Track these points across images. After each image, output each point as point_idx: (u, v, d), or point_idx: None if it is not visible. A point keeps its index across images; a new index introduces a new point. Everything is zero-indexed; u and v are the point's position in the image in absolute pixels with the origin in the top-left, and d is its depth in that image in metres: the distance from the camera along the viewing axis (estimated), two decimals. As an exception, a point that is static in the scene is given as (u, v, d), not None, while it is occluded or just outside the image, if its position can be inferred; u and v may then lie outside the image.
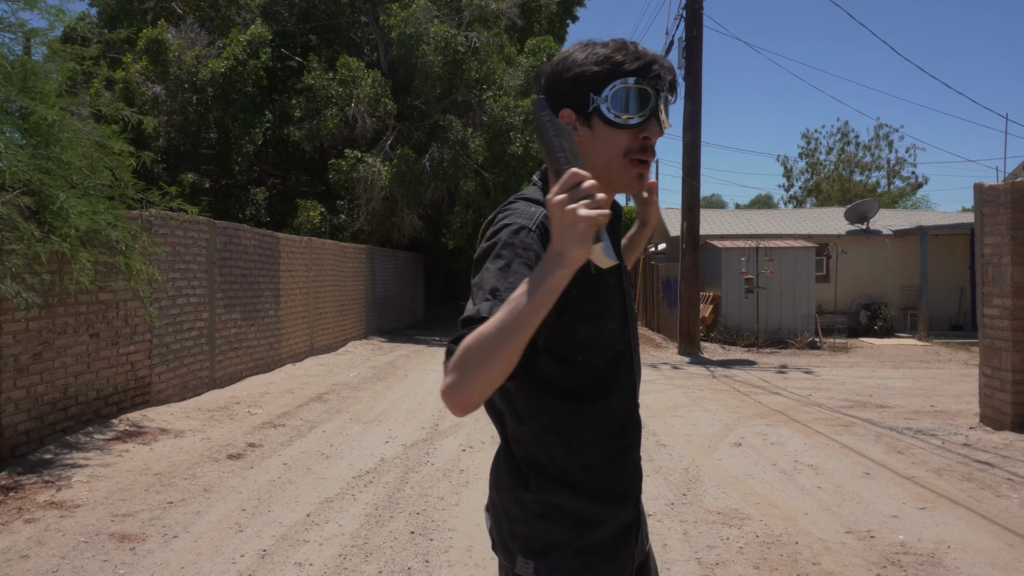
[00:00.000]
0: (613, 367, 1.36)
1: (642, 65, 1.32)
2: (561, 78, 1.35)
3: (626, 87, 1.31)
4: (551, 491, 1.32)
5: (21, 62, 5.49)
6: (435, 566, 3.65)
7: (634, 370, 1.42)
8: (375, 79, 16.20)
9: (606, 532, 1.34)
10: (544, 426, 1.33)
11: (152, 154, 7.07)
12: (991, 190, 6.74)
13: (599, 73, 1.32)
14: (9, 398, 5.27)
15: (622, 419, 1.38)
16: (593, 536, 1.32)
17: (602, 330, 1.32)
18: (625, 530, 1.38)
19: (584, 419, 1.34)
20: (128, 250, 6.04)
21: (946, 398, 8.55)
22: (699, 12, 13.61)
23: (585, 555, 1.31)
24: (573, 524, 1.32)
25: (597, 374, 1.34)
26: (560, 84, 1.35)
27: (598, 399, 1.34)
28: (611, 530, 1.34)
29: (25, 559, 3.66)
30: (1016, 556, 3.76)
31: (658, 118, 1.33)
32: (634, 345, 1.44)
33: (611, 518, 1.34)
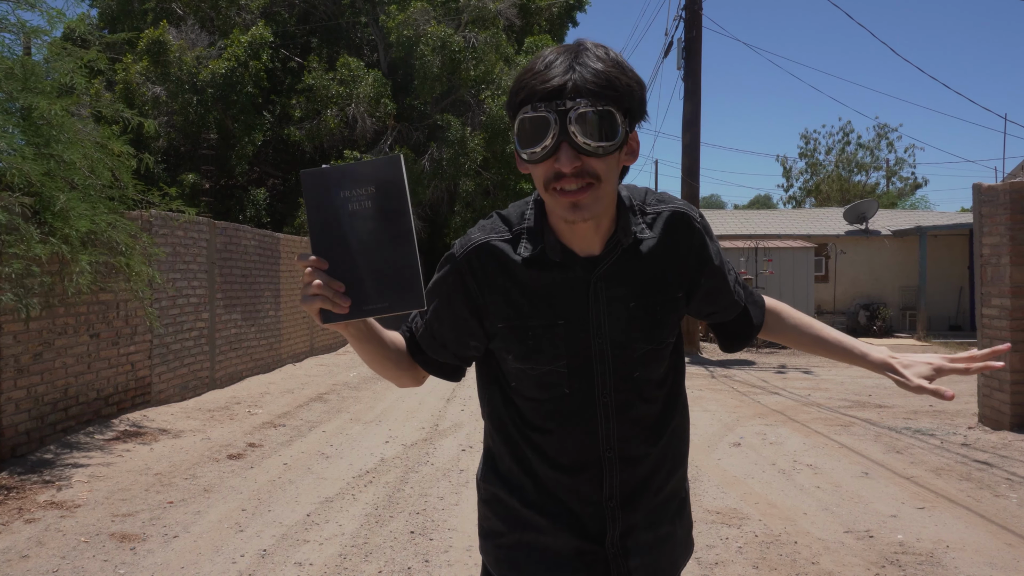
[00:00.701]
0: (556, 405, 1.30)
1: (541, 85, 1.15)
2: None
3: (525, 117, 1.17)
4: (495, 483, 1.38)
5: (22, 62, 5.50)
6: (435, 566, 3.66)
7: (600, 415, 1.30)
8: (375, 79, 16.22)
9: (546, 542, 1.33)
10: (494, 425, 1.39)
11: (152, 156, 7.08)
12: (990, 190, 6.75)
13: (511, 103, 1.21)
14: (10, 398, 5.28)
15: (574, 457, 1.31)
16: (527, 537, 1.34)
17: (531, 369, 1.30)
18: (576, 555, 1.32)
19: (528, 436, 1.33)
20: (128, 251, 6.05)
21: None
22: (698, 13, 13.62)
23: (515, 551, 1.34)
24: (509, 519, 1.35)
25: (538, 406, 1.32)
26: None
27: (537, 428, 1.32)
28: (552, 543, 1.32)
29: (25, 559, 3.67)
30: (1015, 555, 3.77)
31: (571, 142, 1.14)
32: (604, 392, 1.30)
33: (551, 532, 1.32)
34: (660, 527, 1.37)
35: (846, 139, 38.78)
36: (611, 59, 1.18)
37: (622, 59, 1.21)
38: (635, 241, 1.30)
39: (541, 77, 1.16)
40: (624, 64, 1.20)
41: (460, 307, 1.32)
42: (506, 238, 1.30)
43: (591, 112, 1.13)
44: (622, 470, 1.32)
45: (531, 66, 1.19)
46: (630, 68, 1.21)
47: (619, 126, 1.16)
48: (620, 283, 1.29)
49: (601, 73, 1.15)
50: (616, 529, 1.32)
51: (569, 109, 1.13)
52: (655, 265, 1.31)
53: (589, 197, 1.18)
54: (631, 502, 1.34)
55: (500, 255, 1.29)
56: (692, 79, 13.61)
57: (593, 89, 1.14)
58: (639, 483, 1.34)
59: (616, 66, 1.18)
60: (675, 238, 1.33)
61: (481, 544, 1.42)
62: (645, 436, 1.34)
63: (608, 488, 1.32)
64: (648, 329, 1.31)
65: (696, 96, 13.63)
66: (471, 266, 1.30)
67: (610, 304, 1.29)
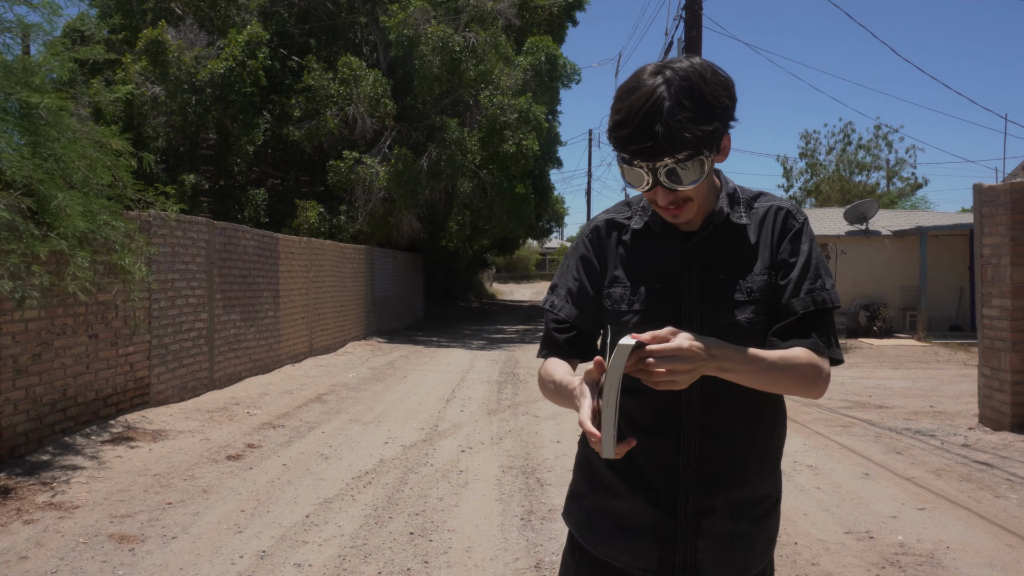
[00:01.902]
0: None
1: (630, 144, 1.30)
2: None
3: (623, 165, 1.35)
4: (586, 446, 1.52)
5: (20, 60, 5.48)
6: (434, 567, 3.65)
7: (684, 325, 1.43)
8: (375, 79, 16.20)
9: (622, 507, 1.44)
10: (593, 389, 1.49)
11: (152, 155, 7.05)
12: (990, 191, 6.74)
13: (610, 133, 1.35)
14: (8, 399, 5.27)
15: (655, 419, 1.42)
16: (606, 501, 1.46)
17: (628, 327, 1.42)
18: (651, 525, 1.41)
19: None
20: (123, 249, 6.03)
21: (945, 399, 8.55)
22: (698, 13, 13.62)
23: (594, 514, 1.48)
24: (593, 482, 1.50)
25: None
26: None
27: (627, 390, 1.39)
28: (628, 510, 1.43)
29: (24, 560, 3.66)
30: (1015, 556, 3.76)
31: (664, 186, 1.32)
32: (690, 304, 1.44)
33: (628, 497, 1.43)
34: (741, 522, 1.42)
35: (847, 139, 38.74)
36: (696, 96, 1.28)
37: (708, 84, 1.30)
38: (729, 222, 1.45)
39: (627, 135, 1.29)
40: (709, 96, 1.29)
41: (590, 268, 1.53)
42: (627, 215, 1.54)
43: (678, 167, 1.30)
44: (702, 441, 1.39)
45: (620, 113, 1.30)
46: (716, 89, 1.31)
47: (705, 162, 1.32)
48: (713, 256, 1.44)
49: (684, 127, 1.27)
50: (690, 503, 1.40)
51: (658, 167, 1.30)
52: (749, 245, 1.45)
53: (684, 212, 1.39)
54: (711, 481, 1.40)
55: (618, 227, 1.52)
56: (692, 79, 13.59)
57: (678, 146, 1.27)
58: (724, 464, 1.40)
59: (700, 109, 1.28)
60: (772, 226, 1.46)
61: (566, 506, 1.57)
62: (728, 410, 1.39)
63: (686, 456, 1.39)
64: (734, 301, 1.41)
65: (696, 96, 13.61)
66: (595, 235, 1.54)
67: (702, 273, 1.43)
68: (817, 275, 1.42)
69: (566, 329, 1.52)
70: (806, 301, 1.40)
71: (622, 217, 1.53)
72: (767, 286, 1.42)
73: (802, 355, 1.36)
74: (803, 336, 1.39)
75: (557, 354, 1.52)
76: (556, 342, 1.52)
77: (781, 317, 1.42)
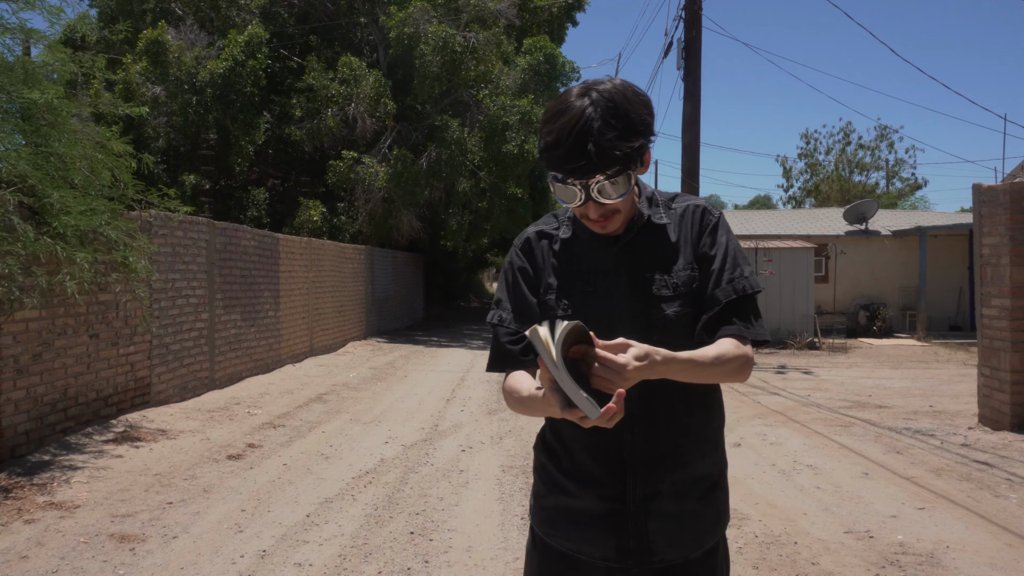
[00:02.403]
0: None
1: (564, 164, 1.39)
2: None
3: (556, 183, 1.44)
4: (541, 452, 1.64)
5: (21, 62, 5.49)
6: (434, 566, 3.65)
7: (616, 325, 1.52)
8: (376, 79, 16.20)
9: (576, 504, 1.54)
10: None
11: (152, 156, 7.06)
12: (990, 191, 6.75)
13: (541, 151, 1.45)
14: (9, 399, 5.28)
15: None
16: (562, 500, 1.56)
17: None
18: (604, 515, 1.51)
19: None
20: (125, 250, 6.04)
21: (945, 398, 8.55)
22: (698, 13, 13.62)
23: (553, 511, 1.58)
24: (549, 483, 1.60)
25: None
26: None
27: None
28: (581, 506, 1.53)
29: (25, 560, 3.67)
30: (1015, 556, 3.76)
31: (596, 202, 1.42)
32: (621, 305, 1.52)
33: (580, 495, 1.53)
34: (687, 501, 1.52)
35: (846, 139, 38.75)
36: (621, 116, 1.38)
37: (631, 104, 1.40)
38: (651, 223, 1.55)
39: (560, 156, 1.38)
40: (633, 115, 1.40)
41: (527, 278, 1.61)
42: (555, 226, 1.63)
43: (609, 183, 1.40)
44: (644, 429, 1.49)
45: (552, 135, 1.39)
46: (638, 108, 1.41)
47: (632, 176, 1.42)
48: (638, 256, 1.54)
49: (614, 145, 1.37)
50: (637, 489, 1.49)
51: (590, 184, 1.40)
52: (670, 243, 1.55)
53: (612, 223, 1.49)
54: (655, 466, 1.50)
55: (548, 237, 1.62)
56: (692, 79, 13.60)
57: (609, 163, 1.37)
58: (665, 449, 1.50)
59: (625, 128, 1.38)
60: (690, 223, 1.56)
61: (530, 507, 1.67)
62: (666, 398, 1.48)
63: (629, 444, 1.49)
64: (662, 296, 1.51)
65: (696, 96, 13.63)
66: (527, 246, 1.62)
67: (630, 273, 1.53)
68: (736, 264, 1.53)
69: (519, 340, 1.57)
70: (727, 290, 1.50)
71: (551, 228, 1.63)
72: (691, 280, 1.52)
73: (731, 349, 1.45)
74: (728, 323, 1.49)
75: (515, 366, 1.56)
76: (511, 354, 1.57)
77: (707, 308, 1.51)
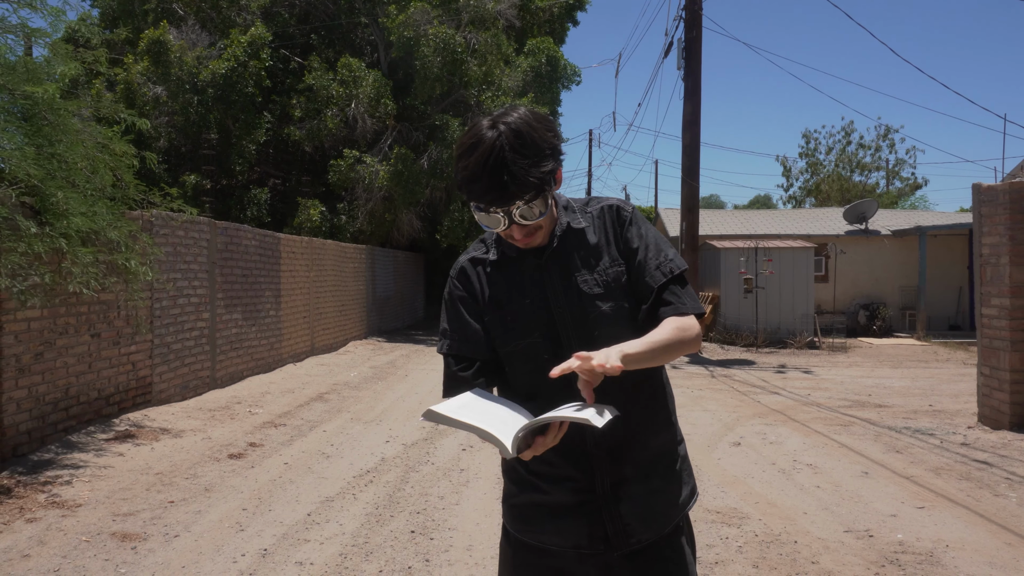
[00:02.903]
0: (542, 374, 1.53)
1: (483, 196, 1.49)
2: None
3: (479, 213, 1.53)
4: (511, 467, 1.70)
5: (24, 62, 5.50)
6: (435, 565, 3.67)
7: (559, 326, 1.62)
8: (376, 79, 16.21)
9: (547, 499, 1.63)
10: None
11: (154, 156, 7.07)
12: (989, 190, 6.76)
13: (459, 183, 1.55)
14: (11, 398, 5.29)
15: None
16: (534, 497, 1.65)
17: (515, 346, 1.63)
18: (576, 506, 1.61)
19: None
20: (127, 250, 6.05)
21: (944, 398, 8.56)
22: (698, 13, 13.63)
23: (524, 508, 1.67)
24: (519, 482, 1.68)
25: (528, 378, 1.63)
26: None
27: (531, 397, 1.61)
28: (552, 501, 1.62)
29: (27, 558, 3.68)
30: (1014, 555, 3.78)
31: (519, 224, 1.53)
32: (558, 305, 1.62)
33: (551, 491, 1.63)
34: (651, 481, 1.63)
35: (847, 139, 38.74)
36: (529, 144, 1.48)
37: (536, 131, 1.50)
38: (571, 229, 1.65)
39: (481, 189, 1.48)
40: (540, 141, 1.50)
41: (467, 304, 1.69)
42: (483, 251, 1.72)
43: (527, 206, 1.51)
44: None
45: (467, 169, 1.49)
46: (544, 134, 1.51)
47: (548, 195, 1.54)
48: (566, 260, 1.64)
49: (527, 172, 1.47)
50: (606, 478, 1.60)
51: (512, 210, 1.50)
52: (592, 244, 1.65)
53: (536, 238, 1.60)
54: (619, 455, 1.60)
55: (480, 262, 1.70)
56: (692, 79, 13.61)
57: (526, 190, 1.48)
58: (626, 437, 1.60)
59: (535, 156, 1.49)
60: (608, 222, 1.67)
61: (502, 508, 1.74)
62: (616, 387, 1.53)
63: (591, 436, 1.57)
64: (596, 294, 1.61)
65: (696, 96, 13.64)
66: (463, 275, 1.70)
67: (562, 278, 1.62)
68: (659, 250, 1.64)
69: (468, 365, 1.65)
70: (656, 276, 1.61)
71: (480, 253, 1.72)
72: (619, 275, 1.63)
73: (679, 324, 1.55)
74: (665, 304, 1.60)
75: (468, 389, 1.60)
76: (463, 379, 1.64)
77: (643, 297, 1.62)
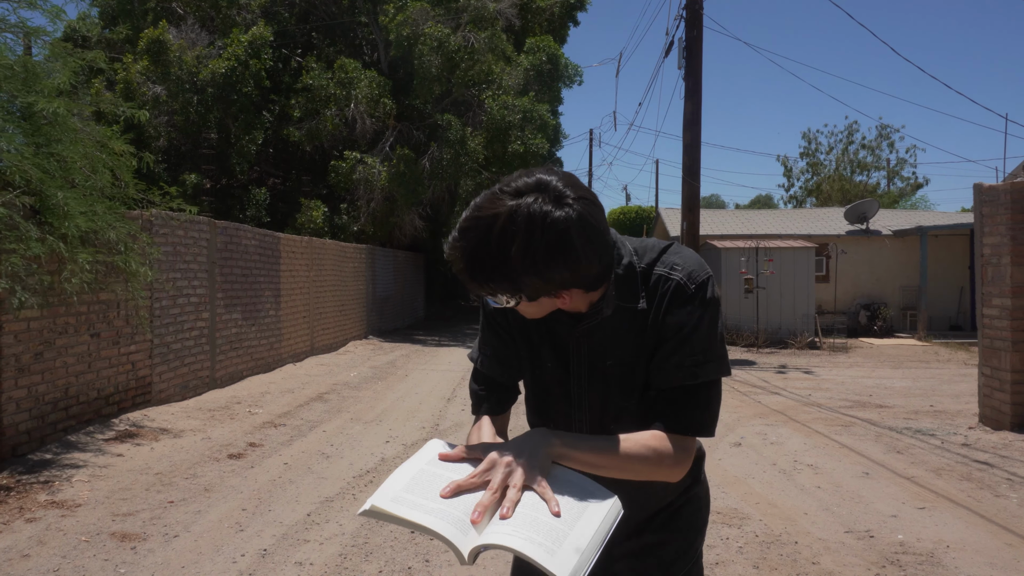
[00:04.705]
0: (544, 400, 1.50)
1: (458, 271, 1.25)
2: None
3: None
4: None
5: (23, 62, 5.50)
6: (435, 565, 3.66)
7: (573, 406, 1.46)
8: (373, 79, 16.20)
9: None
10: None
11: (152, 156, 7.07)
12: (991, 190, 6.75)
13: None
14: (10, 397, 5.28)
15: None
16: None
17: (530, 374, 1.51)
18: None
19: None
20: (127, 250, 6.04)
21: (945, 398, 8.56)
22: (699, 12, 13.62)
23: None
24: None
25: (535, 406, 1.56)
26: None
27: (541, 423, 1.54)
28: None
29: (26, 558, 3.67)
30: (1015, 555, 3.77)
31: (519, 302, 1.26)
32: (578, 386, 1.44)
33: None
34: (644, 535, 1.50)
35: (849, 139, 38.72)
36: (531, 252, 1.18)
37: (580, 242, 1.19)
38: (619, 309, 1.33)
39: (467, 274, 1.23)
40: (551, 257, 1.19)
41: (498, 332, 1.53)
42: None
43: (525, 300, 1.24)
44: None
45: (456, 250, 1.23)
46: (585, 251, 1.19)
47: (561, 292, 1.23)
48: (600, 340, 1.37)
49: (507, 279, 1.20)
50: None
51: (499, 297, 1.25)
52: (639, 328, 1.34)
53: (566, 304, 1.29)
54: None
55: None
56: (693, 78, 13.60)
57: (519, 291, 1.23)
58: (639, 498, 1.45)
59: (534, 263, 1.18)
60: (663, 304, 1.32)
61: None
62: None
63: None
64: (624, 387, 1.39)
65: (697, 96, 13.63)
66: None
67: (591, 358, 1.39)
68: (695, 346, 1.30)
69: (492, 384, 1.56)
70: (672, 375, 1.32)
71: None
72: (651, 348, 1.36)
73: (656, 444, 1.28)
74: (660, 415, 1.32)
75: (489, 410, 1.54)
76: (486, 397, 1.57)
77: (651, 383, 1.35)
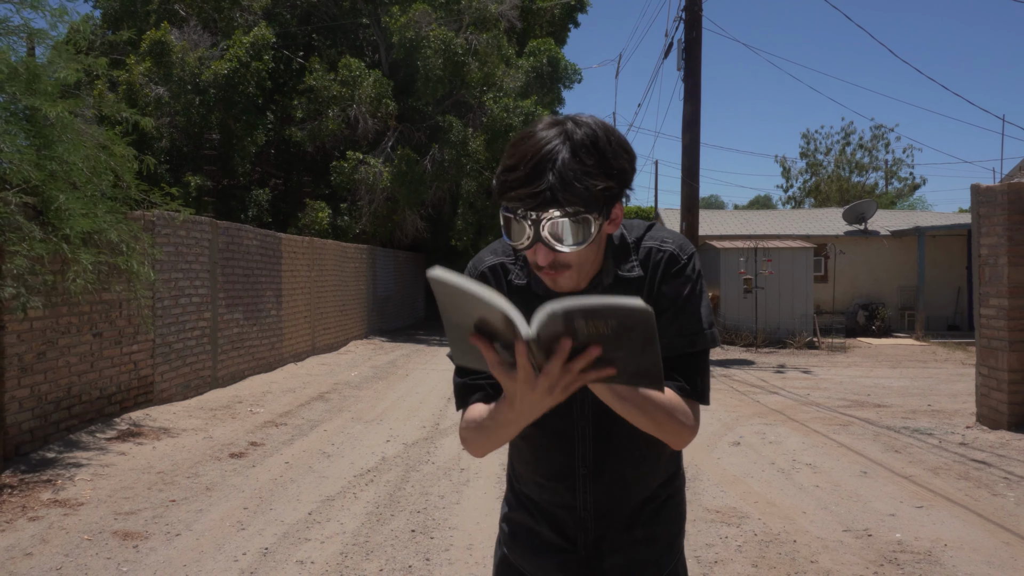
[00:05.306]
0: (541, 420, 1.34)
1: (516, 189, 1.18)
2: None
3: (504, 215, 1.22)
4: (511, 466, 1.58)
5: (25, 63, 5.52)
6: (435, 564, 3.68)
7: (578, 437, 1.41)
8: (376, 79, 16.23)
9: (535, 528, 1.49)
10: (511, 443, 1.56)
11: (154, 159, 7.10)
12: (988, 191, 6.78)
13: (497, 181, 1.24)
14: (13, 397, 5.31)
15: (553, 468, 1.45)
16: (526, 519, 1.51)
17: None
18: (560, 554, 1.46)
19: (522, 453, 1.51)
20: (129, 251, 6.07)
21: (943, 397, 8.58)
22: (698, 14, 13.65)
23: (515, 526, 1.53)
24: (516, 497, 1.54)
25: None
26: None
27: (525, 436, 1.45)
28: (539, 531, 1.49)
29: (29, 557, 3.70)
30: (1012, 554, 3.79)
31: (545, 244, 1.19)
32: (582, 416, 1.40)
33: (539, 523, 1.49)
34: (634, 530, 1.47)
35: (847, 139, 38.77)
36: (593, 152, 1.19)
37: (608, 143, 1.20)
38: (619, 279, 1.34)
39: (517, 180, 1.18)
40: (609, 154, 1.20)
41: None
42: (511, 260, 1.41)
43: (563, 221, 1.17)
44: (595, 487, 1.43)
45: (512, 158, 1.20)
46: (617, 150, 1.21)
47: (592, 226, 1.19)
48: None
49: (577, 178, 1.16)
50: (589, 536, 1.45)
51: (543, 219, 1.17)
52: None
53: (564, 278, 1.26)
54: (606, 515, 1.45)
55: (506, 271, 1.41)
56: (692, 80, 13.63)
57: (568, 198, 1.16)
58: (615, 503, 1.45)
59: (596, 164, 1.18)
60: (658, 273, 1.34)
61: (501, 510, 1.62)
62: (614, 458, 1.42)
63: (582, 499, 1.44)
64: None
65: (696, 97, 13.66)
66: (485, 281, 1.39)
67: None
68: (696, 315, 1.33)
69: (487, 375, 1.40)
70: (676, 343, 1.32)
71: (508, 261, 1.41)
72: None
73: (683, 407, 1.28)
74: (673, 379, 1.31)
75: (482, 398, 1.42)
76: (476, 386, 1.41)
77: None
